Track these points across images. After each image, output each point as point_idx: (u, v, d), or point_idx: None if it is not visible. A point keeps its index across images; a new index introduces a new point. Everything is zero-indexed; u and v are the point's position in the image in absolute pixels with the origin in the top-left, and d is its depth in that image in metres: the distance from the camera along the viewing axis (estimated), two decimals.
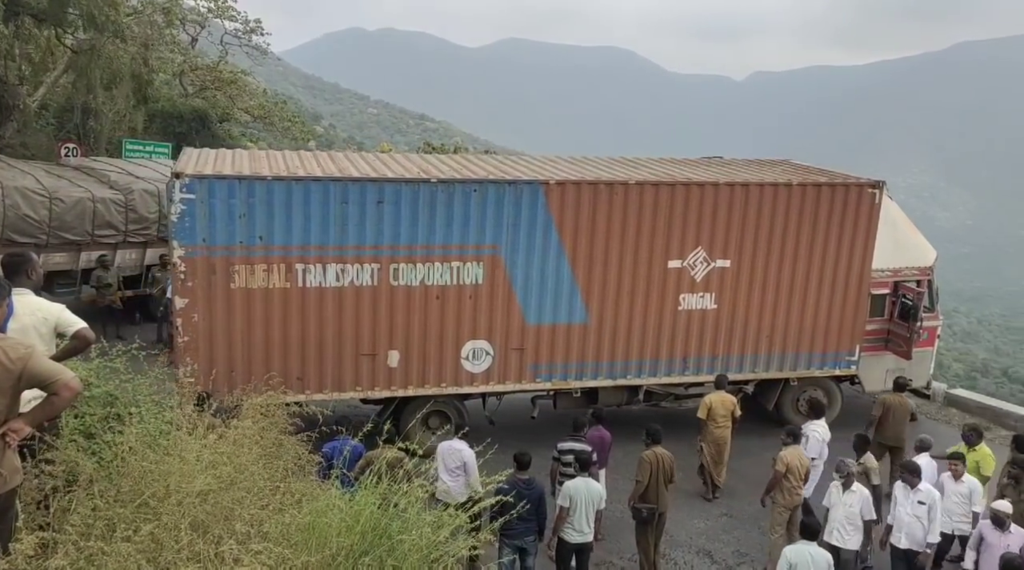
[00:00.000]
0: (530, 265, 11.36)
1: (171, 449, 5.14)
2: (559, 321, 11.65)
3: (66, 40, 21.17)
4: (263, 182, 10.20)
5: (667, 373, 12.40)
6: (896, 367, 13.42)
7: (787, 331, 12.69)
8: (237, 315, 10.35)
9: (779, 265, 12.41)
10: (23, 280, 5.22)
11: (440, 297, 11.07)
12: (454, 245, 10.98)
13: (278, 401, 6.93)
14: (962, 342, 66.69)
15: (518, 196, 11.09)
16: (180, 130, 25.21)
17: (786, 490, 9.15)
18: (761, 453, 12.59)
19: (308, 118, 55.50)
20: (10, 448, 3.98)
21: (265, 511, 4.77)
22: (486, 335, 11.40)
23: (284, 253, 10.39)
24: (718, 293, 12.24)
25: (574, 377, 12.00)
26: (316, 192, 10.36)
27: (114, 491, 4.60)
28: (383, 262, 10.76)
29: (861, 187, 12.58)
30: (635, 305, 11.93)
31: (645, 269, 11.84)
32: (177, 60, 28.39)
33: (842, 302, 12.82)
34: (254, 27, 30.36)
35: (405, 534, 4.90)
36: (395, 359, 11.09)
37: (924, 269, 13.50)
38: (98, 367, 6.53)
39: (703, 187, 11.85)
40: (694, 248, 11.99)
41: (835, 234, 12.52)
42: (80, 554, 3.87)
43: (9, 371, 3.88)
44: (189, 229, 9.99)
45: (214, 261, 10.13)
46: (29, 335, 4.82)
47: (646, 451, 9.03)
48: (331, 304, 10.69)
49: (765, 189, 12.09)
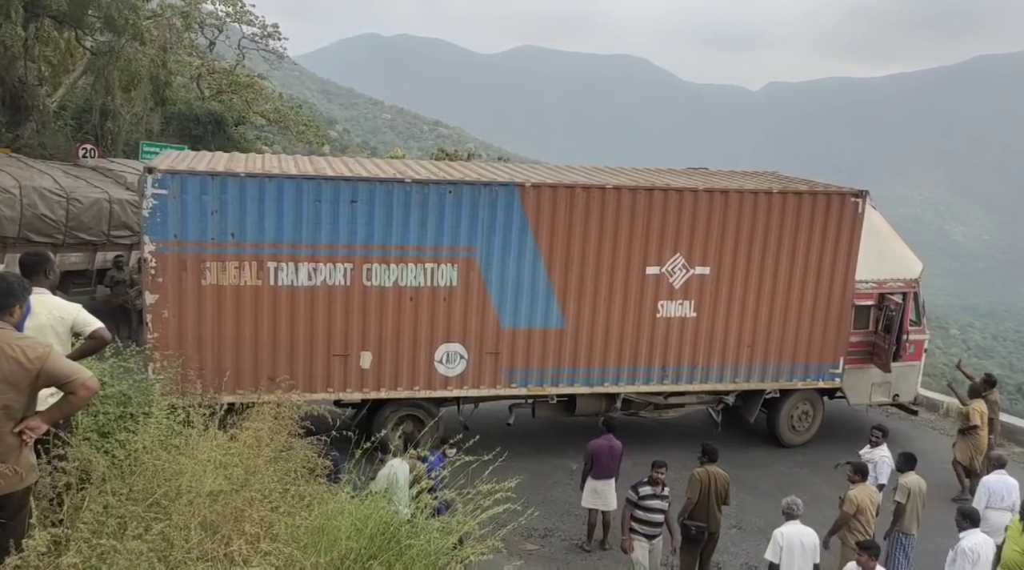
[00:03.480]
0: (505, 268, 11.23)
1: (183, 449, 5.18)
2: (535, 326, 11.50)
3: (85, 42, 21.39)
4: (236, 179, 10.15)
5: (645, 382, 12.17)
6: (882, 380, 13.28)
7: (769, 341, 12.48)
8: (208, 312, 10.27)
9: (760, 274, 12.20)
10: (41, 279, 5.28)
11: (414, 299, 10.97)
12: (428, 246, 10.87)
13: (250, 400, 6.81)
14: (976, 357, 66.14)
15: (493, 198, 10.98)
16: (196, 133, 25.39)
17: (856, 530, 8.49)
18: (771, 465, 12.58)
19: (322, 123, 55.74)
20: (27, 446, 4.03)
21: (275, 513, 4.80)
22: (460, 338, 11.26)
23: (256, 251, 10.31)
24: (698, 301, 12.05)
25: (550, 383, 11.79)
26: (289, 190, 10.30)
27: (126, 490, 4.64)
28: (356, 262, 10.67)
29: (843, 196, 12.39)
30: (612, 311, 11.75)
31: (623, 275, 11.68)
32: (195, 63, 28.62)
33: (825, 313, 12.58)
34: (271, 32, 30.62)
35: (413, 539, 4.93)
36: (367, 361, 10.98)
37: (910, 281, 13.30)
38: (112, 367, 6.60)
39: (681, 193, 11.71)
40: (673, 254, 11.82)
41: (817, 244, 12.33)
42: (92, 552, 3.90)
43: (27, 370, 3.93)
44: (160, 225, 9.94)
45: (185, 257, 10.04)
46: (46, 334, 4.88)
47: (698, 468, 8.85)
48: (303, 303, 10.58)
49: (745, 196, 11.94)
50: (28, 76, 20.37)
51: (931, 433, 14.77)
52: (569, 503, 10.59)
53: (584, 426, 12.26)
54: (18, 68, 19.54)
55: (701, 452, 9.03)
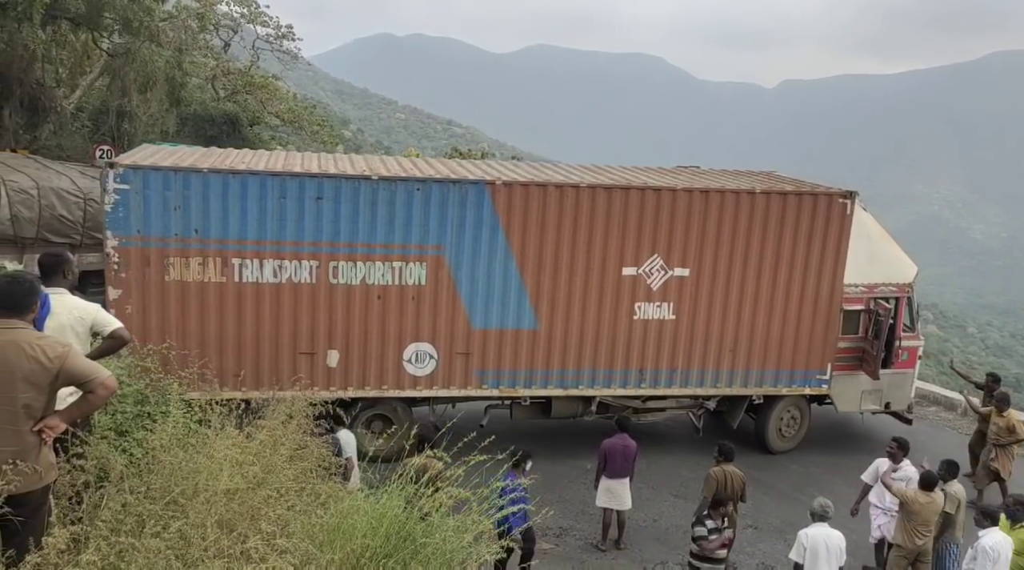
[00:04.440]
0: (476, 268, 11.05)
1: (200, 447, 5.21)
2: (507, 326, 11.31)
3: (102, 44, 21.56)
4: (199, 174, 10.11)
5: (622, 385, 11.90)
6: (872, 387, 12.80)
7: (752, 346, 12.10)
8: (172, 309, 10.22)
9: (742, 276, 11.85)
10: (60, 280, 5.33)
11: (381, 297, 10.86)
12: (396, 245, 10.76)
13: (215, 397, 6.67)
14: (995, 356, 65.60)
15: (463, 196, 10.82)
16: (211, 133, 25.50)
17: (908, 531, 8.40)
18: (787, 464, 12.53)
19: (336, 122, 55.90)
20: (46, 444, 4.07)
21: (291, 512, 4.82)
22: (429, 338, 11.12)
23: (220, 247, 10.27)
24: (677, 303, 11.74)
25: (523, 385, 11.58)
26: (253, 186, 10.24)
27: (144, 488, 4.67)
28: (322, 260, 10.59)
29: (831, 197, 11.99)
30: (587, 312, 11.50)
31: (598, 276, 11.42)
32: (210, 64, 28.75)
33: (811, 317, 12.19)
34: (285, 32, 30.68)
35: (429, 537, 4.94)
36: (335, 359, 10.90)
37: (903, 285, 12.83)
38: (129, 366, 6.65)
39: (659, 192, 11.42)
40: (650, 255, 11.54)
41: (803, 246, 11.95)
42: (111, 549, 3.93)
43: (47, 369, 3.97)
44: (123, 219, 9.93)
45: (149, 253, 10.02)
46: (66, 334, 4.92)
47: (714, 467, 8.84)
48: (268, 300, 10.53)
49: (726, 196, 11.60)
50: (46, 78, 20.56)
51: (950, 433, 14.67)
52: (584, 502, 10.60)
53: (599, 427, 12.25)
54: (36, 70, 19.72)
55: (717, 451, 9.01)
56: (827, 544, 7.58)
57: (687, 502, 10.75)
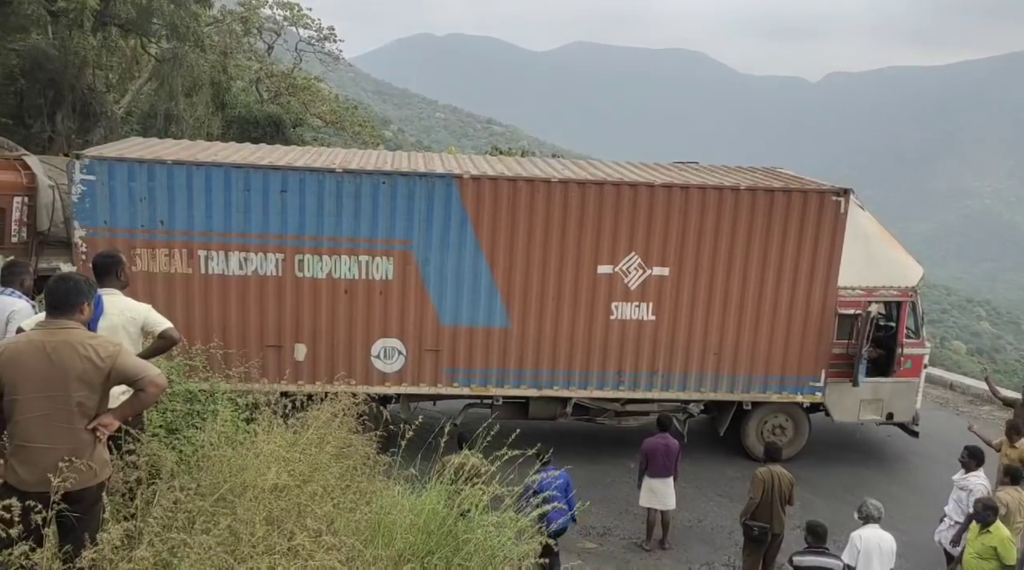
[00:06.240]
0: (444, 263, 10.84)
1: (248, 445, 5.30)
2: (477, 324, 11.04)
3: (150, 49, 22.05)
4: (163, 166, 10.12)
5: (599, 387, 11.44)
6: (872, 396, 11.99)
7: (738, 350, 11.49)
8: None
9: (727, 277, 11.27)
10: (113, 280, 5.46)
11: (348, 291, 10.73)
12: (362, 238, 10.62)
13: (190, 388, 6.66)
14: None
15: (430, 190, 10.63)
16: (256, 135, 25.88)
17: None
18: (834, 464, 12.32)
19: (377, 123, 56.34)
20: (100, 442, 4.17)
21: (337, 509, 4.88)
22: (398, 334, 10.94)
23: (186, 238, 10.28)
24: (656, 304, 11.23)
25: (495, 384, 11.26)
26: (217, 178, 10.21)
27: (194, 485, 4.76)
28: (287, 252, 10.52)
29: (822, 194, 11.28)
30: (561, 311, 11.12)
31: (572, 273, 11.04)
32: (254, 67, 29.20)
33: (803, 321, 11.50)
34: (327, 34, 31.07)
35: (470, 534, 4.96)
36: (302, 353, 10.83)
37: (906, 289, 11.91)
38: (179, 365, 6.79)
39: (636, 188, 10.96)
40: (627, 253, 11.08)
41: (793, 245, 11.29)
42: (164, 545, 4.01)
43: (99, 368, 4.06)
44: (90, 210, 10.02)
45: (115, 244, 9.86)
46: (118, 334, 5.04)
47: (760, 468, 8.67)
48: (235, 293, 10.51)
49: (708, 192, 11.06)
50: (96, 83, 21.10)
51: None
52: (627, 502, 10.53)
53: (645, 428, 12.17)
54: (87, 76, 20.25)
55: (764, 452, 8.89)
56: (880, 546, 7.46)
57: (732, 502, 10.63)
